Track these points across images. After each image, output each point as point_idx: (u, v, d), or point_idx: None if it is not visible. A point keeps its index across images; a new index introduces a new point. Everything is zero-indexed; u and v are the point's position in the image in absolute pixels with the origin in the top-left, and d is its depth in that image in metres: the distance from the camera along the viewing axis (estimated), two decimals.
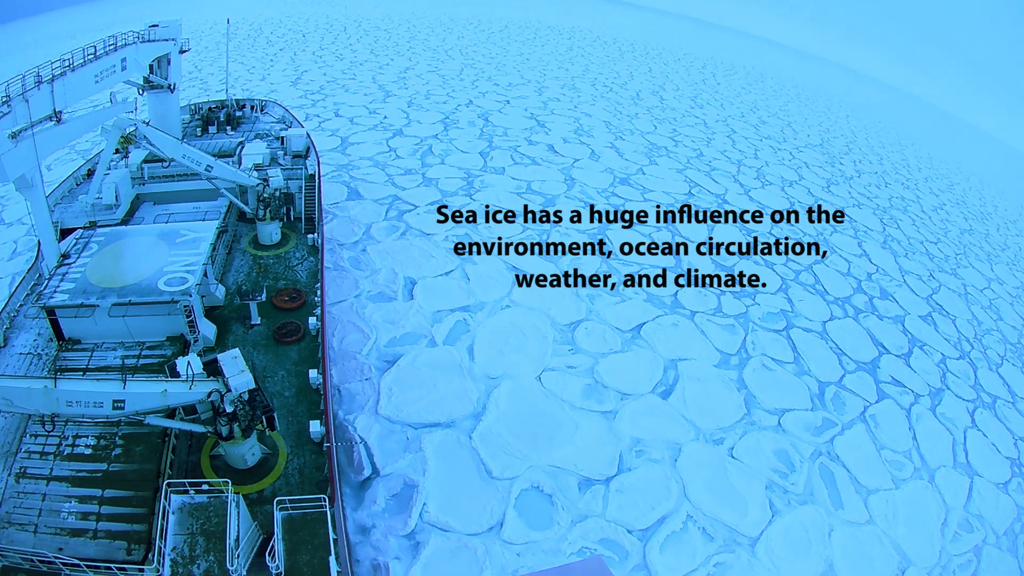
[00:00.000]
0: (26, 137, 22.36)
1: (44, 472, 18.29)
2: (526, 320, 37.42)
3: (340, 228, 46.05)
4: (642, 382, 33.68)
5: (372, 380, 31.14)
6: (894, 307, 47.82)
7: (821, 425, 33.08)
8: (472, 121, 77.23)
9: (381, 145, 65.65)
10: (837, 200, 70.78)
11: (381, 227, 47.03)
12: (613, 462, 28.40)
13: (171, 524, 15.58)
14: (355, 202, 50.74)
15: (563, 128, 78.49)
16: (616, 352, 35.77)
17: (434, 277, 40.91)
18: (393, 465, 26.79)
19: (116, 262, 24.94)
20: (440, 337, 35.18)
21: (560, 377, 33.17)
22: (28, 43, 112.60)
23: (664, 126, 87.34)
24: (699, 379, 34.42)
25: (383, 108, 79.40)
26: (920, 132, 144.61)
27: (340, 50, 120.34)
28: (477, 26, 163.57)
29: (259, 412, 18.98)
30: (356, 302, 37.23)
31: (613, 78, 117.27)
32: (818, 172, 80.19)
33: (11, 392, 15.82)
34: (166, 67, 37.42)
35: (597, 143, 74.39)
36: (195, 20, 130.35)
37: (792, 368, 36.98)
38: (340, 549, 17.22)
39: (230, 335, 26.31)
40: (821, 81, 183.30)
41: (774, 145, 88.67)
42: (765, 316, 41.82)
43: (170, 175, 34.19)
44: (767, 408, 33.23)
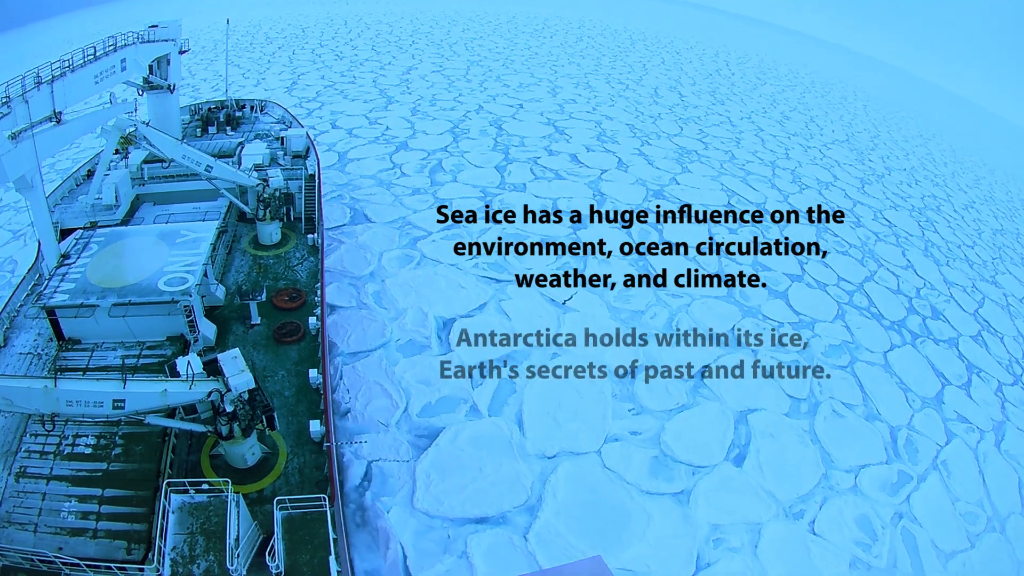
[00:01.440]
0: (26, 138, 22.39)
1: (44, 472, 18.29)
2: (580, 372, 32.89)
3: (351, 257, 41.74)
4: (714, 447, 30.03)
5: (408, 462, 27.01)
6: (946, 328, 45.76)
7: (897, 481, 30.79)
8: (484, 130, 71.47)
9: (384, 161, 59.89)
10: (874, 201, 68.64)
11: (394, 256, 42.37)
12: (691, 559, 25.06)
13: (171, 523, 15.59)
14: (362, 226, 46.08)
15: (584, 134, 73.20)
16: (682, 408, 31.88)
17: (467, 315, 36.54)
18: (431, 570, 22.98)
19: (116, 262, 24.95)
20: (483, 402, 30.52)
21: (624, 450, 28.99)
22: (28, 52, 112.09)
23: (690, 127, 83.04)
24: (772, 435, 31.24)
25: (385, 117, 74.40)
26: (939, 121, 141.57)
27: (340, 47, 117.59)
28: (483, 20, 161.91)
29: (259, 412, 18.98)
30: (385, 354, 32.76)
31: (627, 72, 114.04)
32: (850, 171, 78.03)
33: (11, 392, 15.84)
34: (166, 68, 37.47)
35: (623, 150, 69.01)
36: (190, 22, 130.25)
37: (862, 411, 34.62)
38: (340, 549, 17.22)
39: (230, 335, 26.33)
40: (831, 68, 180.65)
41: (803, 143, 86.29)
42: (828, 350, 39.38)
43: (170, 175, 34.21)
44: (844, 466, 30.56)
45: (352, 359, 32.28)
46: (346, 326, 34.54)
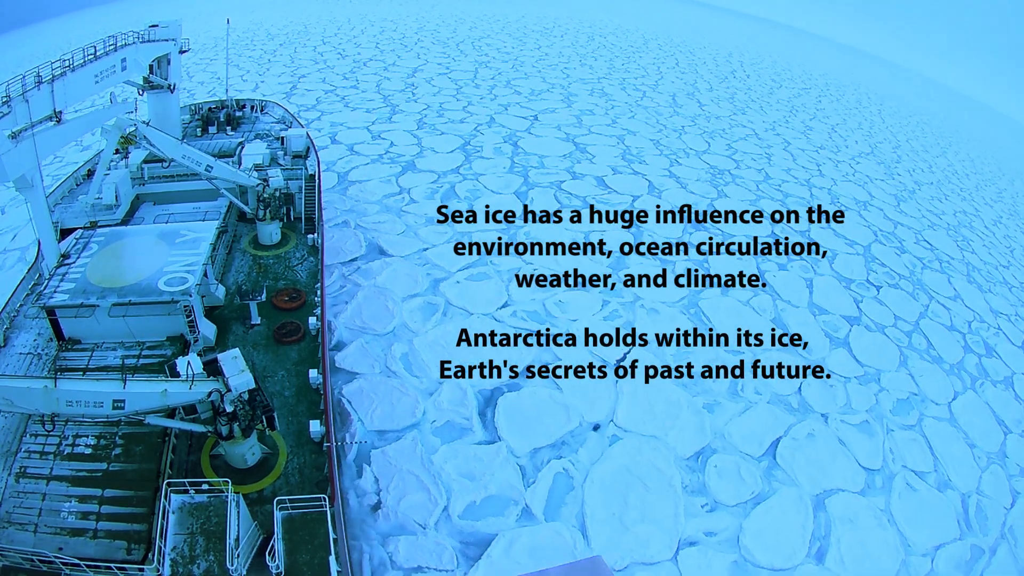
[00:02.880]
0: (26, 137, 22.40)
1: (44, 472, 18.30)
2: (643, 458, 29.59)
3: (371, 307, 36.85)
4: (795, 543, 27.54)
5: (452, 572, 23.44)
6: (1001, 367, 44.12)
7: (971, 557, 29.30)
8: (498, 147, 65.81)
9: (390, 184, 54.52)
10: (912, 221, 66.12)
11: (416, 307, 37.63)
12: None
13: (171, 524, 15.59)
14: (378, 263, 41.63)
15: (608, 153, 68.65)
16: (758, 499, 29.22)
17: (512, 386, 32.28)
18: None
19: (116, 262, 24.95)
20: (538, 503, 26.34)
21: (702, 556, 25.93)
22: (26, 55, 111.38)
23: (717, 141, 79.63)
24: (850, 520, 29.54)
25: (389, 131, 69.25)
26: (951, 124, 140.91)
27: (343, 45, 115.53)
28: (490, 19, 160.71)
29: (259, 412, 18.99)
30: (419, 437, 28.61)
31: (642, 76, 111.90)
32: (883, 187, 75.66)
33: (11, 392, 15.83)
34: (166, 67, 37.49)
35: (652, 171, 64.74)
36: (189, 25, 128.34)
37: (934, 479, 33.11)
38: (340, 549, 17.22)
39: (230, 335, 26.33)
40: (838, 67, 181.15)
41: (831, 156, 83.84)
42: (896, 407, 37.17)
43: (170, 175, 34.23)
44: (921, 550, 29.06)
45: (381, 440, 28.43)
46: (372, 397, 30.59)
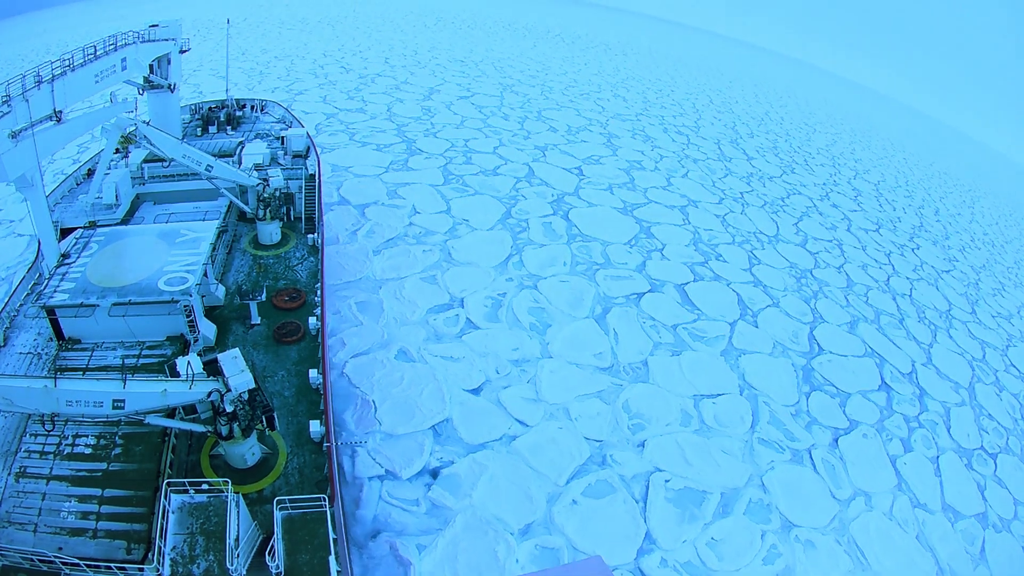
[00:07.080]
0: (26, 137, 22.38)
1: (44, 471, 18.29)
2: None
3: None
4: None
5: None
6: None
7: None
8: (547, 221, 53.64)
9: (428, 292, 39.94)
10: (994, 336, 56.42)
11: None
12: None
13: (171, 523, 15.59)
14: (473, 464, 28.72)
15: (677, 240, 55.82)
16: None
17: None
18: None
19: (116, 262, 24.95)
20: None
21: None
22: (30, 47, 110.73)
23: (783, 220, 68.73)
24: None
25: (409, 185, 55.88)
26: (968, 177, 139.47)
27: (347, 57, 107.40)
28: (504, 26, 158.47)
29: (259, 412, 18.99)
30: None
31: (680, 115, 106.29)
32: (952, 285, 65.67)
33: (11, 392, 15.83)
34: (166, 67, 37.49)
35: (733, 272, 51.83)
36: (189, 26, 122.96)
37: None
38: (340, 549, 17.22)
39: (230, 335, 26.32)
40: (853, 107, 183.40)
41: (892, 238, 74.53)
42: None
43: (170, 175, 34.23)
44: None
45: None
46: None
